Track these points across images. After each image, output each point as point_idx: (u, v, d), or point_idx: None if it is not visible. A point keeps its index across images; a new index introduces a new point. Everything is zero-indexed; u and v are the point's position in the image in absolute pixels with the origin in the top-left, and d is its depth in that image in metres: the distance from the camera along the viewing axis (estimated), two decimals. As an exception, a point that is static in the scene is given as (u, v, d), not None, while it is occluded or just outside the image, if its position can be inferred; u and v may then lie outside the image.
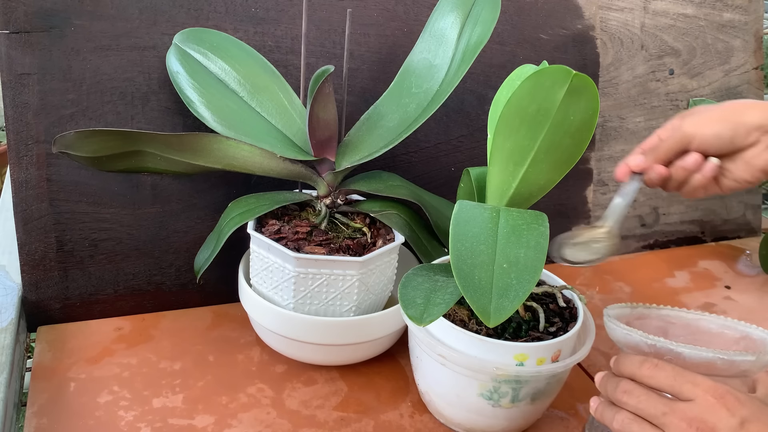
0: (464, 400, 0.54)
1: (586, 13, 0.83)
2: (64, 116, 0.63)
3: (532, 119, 0.50)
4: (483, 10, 0.60)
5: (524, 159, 0.52)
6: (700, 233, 0.97)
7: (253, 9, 0.68)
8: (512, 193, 0.54)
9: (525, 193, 0.54)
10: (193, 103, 0.61)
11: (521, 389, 0.53)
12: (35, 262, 0.65)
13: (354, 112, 0.69)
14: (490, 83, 0.79)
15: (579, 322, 0.55)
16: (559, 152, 0.52)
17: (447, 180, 0.79)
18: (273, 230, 0.60)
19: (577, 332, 0.54)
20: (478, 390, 0.53)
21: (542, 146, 0.51)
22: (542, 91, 0.49)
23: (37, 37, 0.61)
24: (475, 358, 0.52)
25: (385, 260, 0.61)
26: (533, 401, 0.54)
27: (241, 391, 0.60)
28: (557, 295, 0.58)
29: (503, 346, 0.51)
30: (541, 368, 0.52)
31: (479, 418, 0.55)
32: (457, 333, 0.52)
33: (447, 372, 0.54)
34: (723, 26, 0.93)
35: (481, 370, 0.52)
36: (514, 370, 0.51)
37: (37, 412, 0.56)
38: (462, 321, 0.55)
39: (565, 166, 0.53)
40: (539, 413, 0.57)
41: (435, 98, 0.60)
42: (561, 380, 0.56)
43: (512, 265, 0.46)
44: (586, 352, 0.54)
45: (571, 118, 0.50)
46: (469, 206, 0.50)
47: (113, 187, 0.66)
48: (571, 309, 0.57)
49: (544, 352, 0.52)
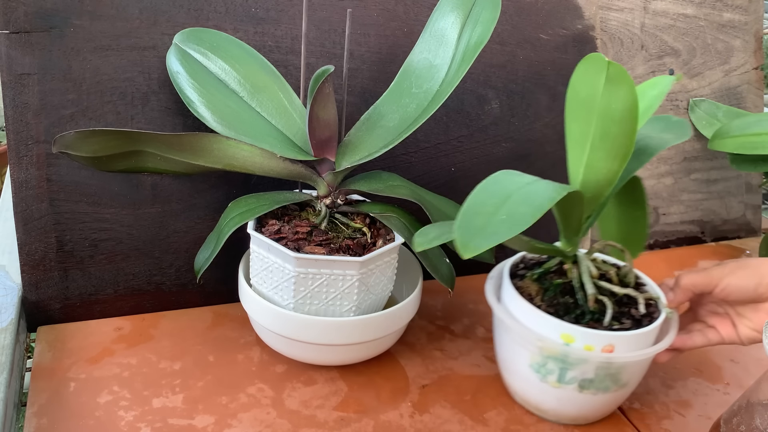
0: (517, 367, 0.59)
1: (586, 13, 0.83)
2: (64, 116, 0.63)
3: (585, 104, 0.53)
4: (483, 10, 0.60)
5: (585, 143, 0.54)
6: (700, 233, 0.97)
7: (253, 9, 0.68)
8: (581, 179, 0.56)
9: (593, 181, 0.56)
10: (193, 103, 0.61)
11: (567, 371, 0.56)
12: (35, 262, 0.65)
13: (354, 112, 0.69)
14: (490, 83, 0.79)
15: (645, 328, 0.55)
16: (610, 141, 0.53)
17: (447, 180, 0.79)
18: (273, 230, 0.60)
19: (637, 335, 0.55)
20: (529, 360, 0.57)
21: (596, 132, 0.53)
22: (588, 77, 0.52)
23: (37, 37, 0.61)
24: (524, 327, 0.56)
25: (385, 260, 0.61)
26: (581, 389, 0.56)
27: (241, 391, 0.60)
28: (639, 301, 0.58)
29: (551, 322, 0.55)
30: (584, 352, 0.54)
31: (529, 388, 0.59)
32: (518, 302, 0.57)
33: (506, 336, 0.60)
34: (723, 26, 0.93)
35: (527, 340, 0.56)
36: (558, 348, 0.55)
37: (37, 412, 0.56)
38: (529, 295, 0.59)
39: (619, 157, 0.54)
40: (589, 408, 0.58)
41: (435, 98, 0.60)
42: (614, 379, 0.56)
43: (509, 217, 0.45)
44: (640, 356, 0.55)
45: (613, 106, 0.52)
46: (509, 173, 0.50)
47: (113, 187, 0.66)
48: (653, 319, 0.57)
49: (593, 340, 0.54)
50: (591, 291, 0.57)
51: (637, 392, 0.64)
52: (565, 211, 0.57)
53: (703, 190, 0.97)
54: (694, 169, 0.95)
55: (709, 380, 0.67)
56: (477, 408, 0.61)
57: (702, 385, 0.66)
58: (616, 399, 0.59)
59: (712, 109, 0.93)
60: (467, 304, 0.77)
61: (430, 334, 0.71)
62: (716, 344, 0.59)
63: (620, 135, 0.53)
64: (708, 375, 0.68)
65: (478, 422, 0.59)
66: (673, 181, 0.94)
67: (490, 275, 0.63)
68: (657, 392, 0.65)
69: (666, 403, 0.63)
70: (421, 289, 0.64)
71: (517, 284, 0.60)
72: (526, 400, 0.61)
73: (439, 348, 0.69)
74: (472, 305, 0.77)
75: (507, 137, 0.81)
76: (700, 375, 0.68)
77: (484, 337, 0.71)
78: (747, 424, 0.49)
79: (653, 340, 0.57)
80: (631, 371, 0.57)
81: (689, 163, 0.95)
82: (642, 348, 0.56)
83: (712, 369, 0.69)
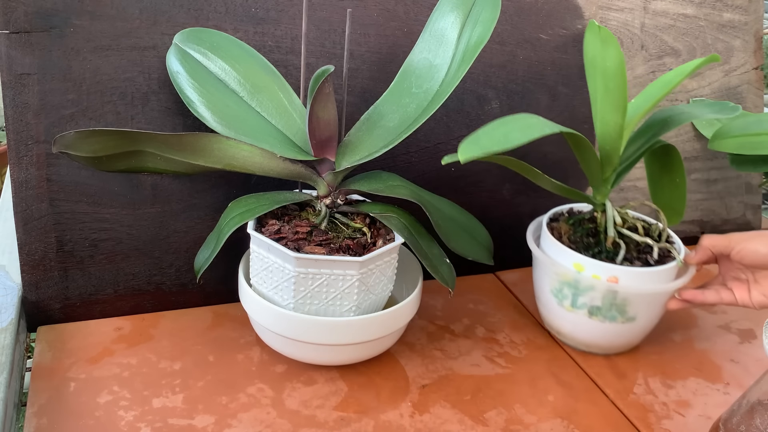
0: (542, 294, 0.69)
1: (586, 13, 0.83)
2: (64, 116, 0.63)
3: (592, 63, 0.63)
4: (483, 10, 0.60)
5: (596, 99, 0.64)
6: (700, 233, 0.97)
7: (253, 9, 0.68)
8: (599, 132, 0.65)
9: (606, 134, 0.64)
10: (193, 103, 0.61)
11: (578, 297, 0.65)
12: (35, 262, 0.65)
13: (354, 112, 0.69)
14: (490, 83, 0.79)
15: (650, 268, 0.63)
16: (610, 95, 0.61)
17: (447, 180, 0.79)
18: (273, 230, 0.60)
19: (641, 272, 0.63)
20: (549, 286, 0.67)
21: (600, 87, 0.62)
22: (591, 40, 0.62)
23: (37, 37, 0.61)
24: (546, 256, 0.67)
25: (385, 260, 0.61)
26: (590, 315, 0.65)
27: (241, 391, 0.60)
28: (654, 249, 0.65)
29: (567, 253, 0.65)
30: (592, 280, 0.63)
31: (549, 313, 0.70)
32: (546, 237, 0.68)
33: (537, 269, 0.70)
34: (723, 26, 0.93)
35: (548, 267, 0.66)
36: (570, 275, 0.64)
37: (37, 412, 0.56)
38: (559, 234, 0.68)
39: (619, 110, 0.62)
40: (600, 335, 0.67)
41: (435, 98, 0.60)
42: (620, 310, 0.64)
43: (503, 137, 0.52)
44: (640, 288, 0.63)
45: (608, 64, 0.60)
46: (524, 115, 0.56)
47: (113, 187, 0.66)
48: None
49: (600, 270, 0.63)
50: (611, 233, 0.66)
51: (637, 392, 0.64)
52: (584, 160, 0.65)
53: (703, 190, 0.97)
54: (694, 169, 0.95)
55: (709, 380, 0.67)
56: (477, 408, 0.61)
57: (702, 385, 0.66)
58: (624, 332, 0.66)
59: (712, 109, 0.93)
60: (467, 304, 0.77)
61: (430, 334, 0.71)
62: (728, 304, 0.64)
63: (616, 89, 0.61)
64: (708, 375, 0.68)
65: (478, 422, 0.59)
66: (673, 181, 0.94)
67: (533, 222, 0.73)
68: (657, 392, 0.65)
69: (666, 403, 0.63)
70: (421, 289, 0.64)
71: (552, 225, 0.70)
72: (549, 324, 0.71)
73: (439, 348, 0.69)
74: (472, 305, 0.77)
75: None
76: (700, 375, 0.68)
77: (484, 336, 0.71)
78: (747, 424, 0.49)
79: (661, 281, 0.64)
80: (636, 306, 0.64)
81: (689, 163, 0.95)
82: (650, 286, 0.63)
83: (712, 369, 0.69)
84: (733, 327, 0.76)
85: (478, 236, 0.70)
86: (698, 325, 0.76)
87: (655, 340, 0.72)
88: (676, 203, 0.74)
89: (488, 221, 0.72)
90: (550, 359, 0.68)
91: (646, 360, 0.69)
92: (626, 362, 0.68)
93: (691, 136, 0.94)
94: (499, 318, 0.75)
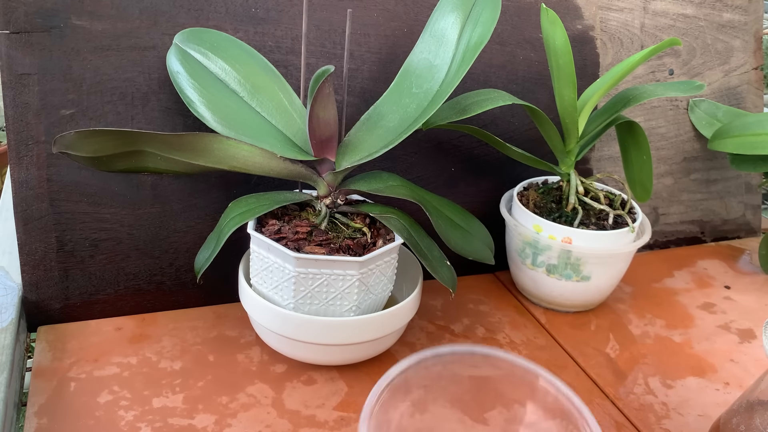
0: (511, 254, 0.77)
1: (585, 13, 0.83)
2: (65, 116, 0.63)
3: (547, 42, 0.68)
4: (483, 10, 0.60)
5: (554, 75, 0.69)
6: (699, 233, 0.97)
7: (253, 9, 0.68)
8: (558, 105, 0.70)
9: (563, 108, 0.69)
10: (194, 103, 0.61)
11: (538, 256, 0.72)
12: (35, 262, 0.65)
13: (354, 112, 0.69)
14: (490, 83, 0.79)
15: (599, 231, 0.70)
16: (562, 72, 0.67)
17: (447, 180, 0.79)
18: (273, 230, 0.60)
19: (591, 234, 0.69)
20: (515, 246, 0.75)
21: (554, 64, 0.67)
22: (544, 22, 0.67)
23: (37, 37, 0.61)
24: (512, 219, 0.74)
25: (385, 260, 0.61)
26: (549, 273, 0.72)
27: (241, 391, 0.60)
28: (610, 215, 0.72)
29: (528, 216, 0.72)
30: (549, 240, 0.70)
31: (516, 271, 0.77)
32: (514, 203, 0.75)
33: (507, 232, 0.77)
34: (723, 26, 0.93)
35: (514, 229, 0.74)
36: (530, 235, 0.71)
37: (37, 412, 0.56)
38: (527, 201, 0.76)
39: (570, 85, 0.67)
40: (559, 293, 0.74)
41: (435, 98, 0.60)
42: (574, 269, 0.71)
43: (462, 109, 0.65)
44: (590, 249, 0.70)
45: (557, 43, 0.66)
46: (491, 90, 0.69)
47: (113, 187, 0.66)
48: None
49: (555, 232, 0.71)
50: (572, 200, 0.73)
51: (637, 392, 0.64)
52: (545, 131, 0.72)
53: (703, 190, 0.97)
54: (693, 169, 0.95)
55: (709, 380, 0.67)
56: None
57: (702, 385, 0.66)
58: (579, 290, 0.73)
59: (711, 109, 0.93)
60: (467, 304, 0.77)
61: (430, 334, 0.71)
62: None
63: (565, 65, 0.66)
64: (708, 375, 0.68)
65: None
66: (672, 181, 0.94)
67: (506, 193, 0.80)
68: (657, 392, 0.65)
69: (666, 403, 0.63)
70: (421, 289, 0.64)
71: (524, 193, 0.77)
72: (516, 281, 0.79)
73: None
74: (472, 305, 0.77)
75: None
76: (700, 375, 0.68)
77: (484, 337, 0.71)
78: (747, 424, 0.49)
79: (613, 244, 0.71)
80: (590, 266, 0.71)
81: (689, 163, 0.95)
82: (600, 246, 0.70)
83: (711, 369, 0.69)
84: (733, 327, 0.77)
85: (478, 236, 0.70)
86: (698, 325, 0.76)
87: (655, 340, 0.72)
88: (645, 180, 0.78)
89: (488, 221, 0.72)
90: (550, 359, 0.68)
91: (646, 360, 0.69)
92: (626, 362, 0.69)
93: (691, 136, 0.94)
94: (499, 318, 0.75)
